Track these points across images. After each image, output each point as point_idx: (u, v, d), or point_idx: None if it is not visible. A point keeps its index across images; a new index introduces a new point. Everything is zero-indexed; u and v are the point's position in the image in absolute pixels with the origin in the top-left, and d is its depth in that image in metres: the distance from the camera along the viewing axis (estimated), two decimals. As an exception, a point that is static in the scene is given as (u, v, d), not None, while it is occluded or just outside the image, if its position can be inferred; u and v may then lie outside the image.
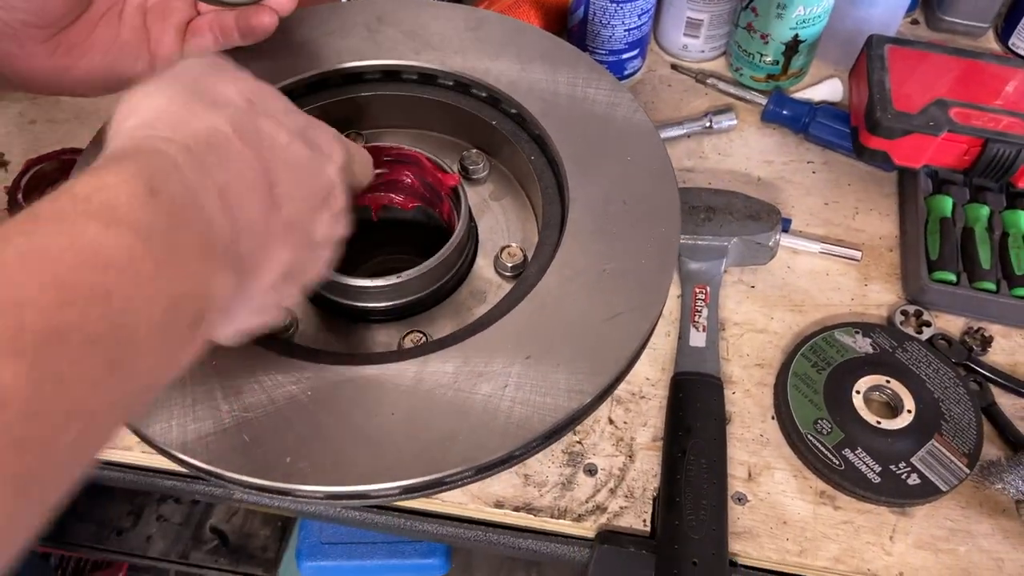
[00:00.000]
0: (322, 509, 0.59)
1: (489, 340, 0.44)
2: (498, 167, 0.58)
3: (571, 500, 0.56)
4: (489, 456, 0.40)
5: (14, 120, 0.76)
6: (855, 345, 0.61)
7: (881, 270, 0.67)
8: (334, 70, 0.57)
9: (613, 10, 0.72)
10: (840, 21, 0.77)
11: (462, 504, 0.56)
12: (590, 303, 0.45)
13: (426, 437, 0.41)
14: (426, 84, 0.58)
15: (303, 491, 0.39)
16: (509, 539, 0.58)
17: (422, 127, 0.60)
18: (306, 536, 0.92)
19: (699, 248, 0.64)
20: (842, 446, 0.56)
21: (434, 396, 0.42)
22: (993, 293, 0.63)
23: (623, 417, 0.59)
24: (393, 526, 0.59)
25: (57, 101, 0.77)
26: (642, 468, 0.57)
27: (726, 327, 0.64)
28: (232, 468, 0.39)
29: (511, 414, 0.41)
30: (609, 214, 0.49)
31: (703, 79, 0.79)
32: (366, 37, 0.58)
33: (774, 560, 0.54)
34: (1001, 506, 0.55)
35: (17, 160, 0.73)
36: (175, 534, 0.96)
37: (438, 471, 0.39)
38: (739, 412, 0.60)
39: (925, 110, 0.65)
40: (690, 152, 0.75)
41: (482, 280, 0.53)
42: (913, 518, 0.55)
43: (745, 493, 0.56)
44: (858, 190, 0.72)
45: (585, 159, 0.51)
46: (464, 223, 0.50)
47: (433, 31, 0.58)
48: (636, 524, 0.55)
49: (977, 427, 0.56)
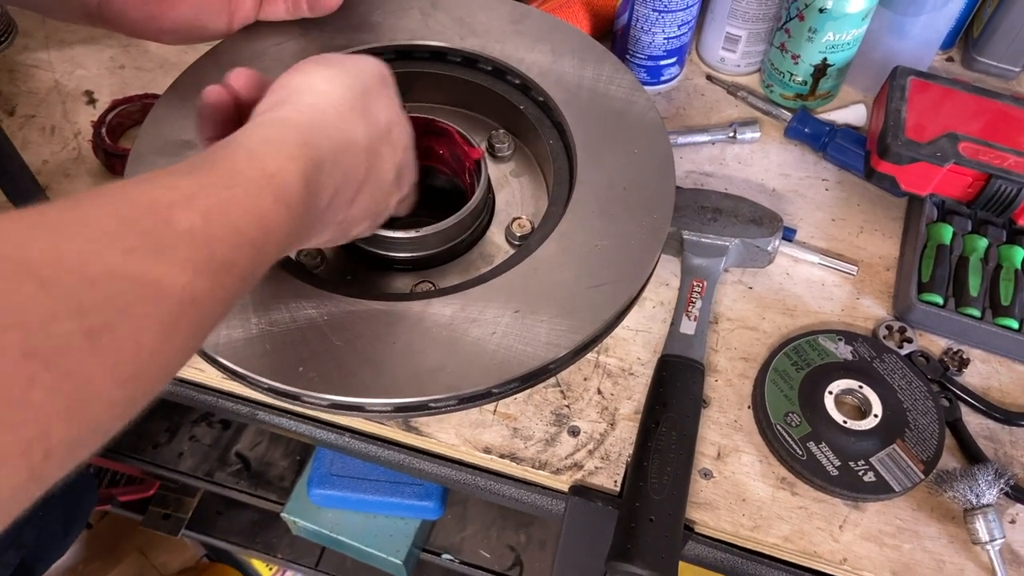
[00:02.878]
0: (332, 438, 0.66)
1: (486, 292, 0.50)
2: (522, 148, 0.64)
3: (552, 455, 0.61)
4: (471, 388, 0.46)
5: (105, 64, 0.85)
6: (836, 351, 0.65)
7: (875, 287, 0.71)
8: (388, 46, 0.64)
9: (655, 18, 0.78)
10: (873, 51, 0.81)
11: (455, 446, 0.62)
12: (579, 272, 0.51)
13: (419, 366, 0.47)
14: (467, 67, 0.64)
15: (310, 396, 0.46)
16: (494, 484, 0.64)
17: (458, 105, 0.66)
18: (318, 467, 1.01)
19: (702, 245, 0.69)
20: (808, 439, 0.60)
21: (431, 333, 0.48)
22: (977, 319, 0.66)
23: (611, 389, 0.65)
24: (393, 461, 0.66)
25: (145, 51, 0.86)
26: (620, 436, 0.62)
27: (719, 321, 0.69)
28: (253, 370, 0.46)
29: (495, 356, 0.47)
30: (610, 198, 0.54)
31: (735, 91, 0.84)
32: (419, 20, 0.64)
33: (728, 531, 0.59)
34: (951, 513, 0.59)
35: (104, 99, 0.81)
36: (203, 454, 1.06)
37: (426, 395, 0.46)
38: (718, 398, 0.64)
39: (935, 141, 0.69)
40: (712, 158, 0.79)
41: (493, 245, 0.59)
42: (864, 512, 0.59)
43: (712, 470, 0.61)
44: (866, 211, 0.76)
45: (596, 147, 0.57)
46: (482, 192, 0.56)
47: (480, 20, 0.64)
48: (607, 484, 0.60)
49: (939, 438, 0.60)
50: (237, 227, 0.36)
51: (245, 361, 0.47)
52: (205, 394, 0.67)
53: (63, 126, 0.79)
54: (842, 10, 0.72)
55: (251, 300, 0.50)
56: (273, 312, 0.49)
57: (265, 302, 0.49)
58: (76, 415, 0.27)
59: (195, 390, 0.67)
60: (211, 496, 1.22)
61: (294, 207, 0.39)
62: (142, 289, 0.30)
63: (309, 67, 0.47)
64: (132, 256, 0.31)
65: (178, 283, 0.32)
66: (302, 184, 0.40)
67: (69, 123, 0.80)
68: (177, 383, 0.67)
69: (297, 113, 0.43)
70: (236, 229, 0.36)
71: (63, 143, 0.78)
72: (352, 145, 0.45)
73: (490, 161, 0.57)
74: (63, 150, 0.78)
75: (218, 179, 0.37)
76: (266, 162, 0.39)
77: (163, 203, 0.33)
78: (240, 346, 0.47)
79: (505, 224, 0.59)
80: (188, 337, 0.33)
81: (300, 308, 0.49)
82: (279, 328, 0.48)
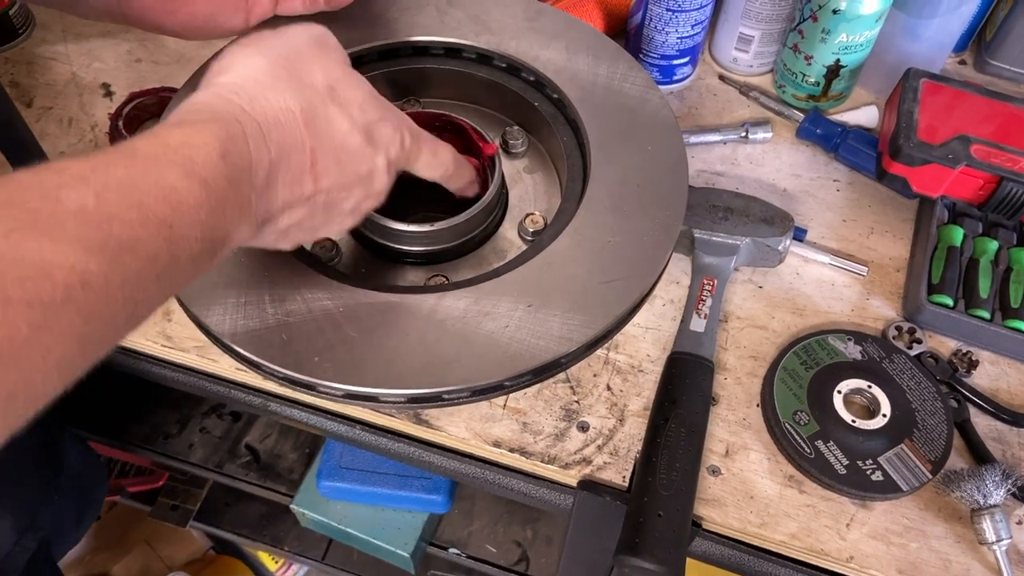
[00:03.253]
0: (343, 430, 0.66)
1: (499, 286, 0.51)
2: (535, 144, 0.64)
3: (561, 450, 0.62)
4: (484, 380, 0.46)
5: (122, 57, 0.86)
6: (845, 350, 0.65)
7: (885, 288, 0.71)
8: (404, 42, 0.65)
9: (668, 18, 0.78)
10: (886, 53, 0.81)
11: (465, 440, 0.62)
12: (592, 267, 0.51)
13: (433, 358, 0.48)
14: (482, 63, 0.65)
15: (325, 386, 0.47)
16: (503, 478, 0.65)
17: (473, 102, 0.67)
18: (328, 459, 1.02)
19: (713, 243, 0.69)
20: (816, 437, 0.61)
21: (445, 326, 0.49)
22: (987, 321, 0.67)
23: (620, 386, 0.65)
24: (404, 454, 0.66)
25: (162, 45, 0.86)
26: (629, 432, 0.63)
27: (729, 320, 0.69)
28: (269, 359, 0.47)
29: (508, 349, 0.48)
30: (623, 194, 0.55)
31: (747, 92, 0.84)
32: (435, 16, 0.65)
33: (735, 528, 0.59)
34: (958, 513, 0.59)
35: (121, 92, 0.82)
36: (214, 446, 1.07)
37: (439, 386, 0.46)
38: (727, 396, 0.65)
39: (947, 143, 0.69)
40: (724, 158, 0.80)
41: (505, 240, 0.59)
42: (872, 511, 0.59)
43: (720, 467, 0.61)
44: (877, 212, 0.76)
45: (610, 144, 0.57)
46: (495, 188, 0.56)
47: (495, 17, 0.65)
48: (615, 479, 0.61)
49: (947, 439, 0.61)
50: (140, 203, 0.34)
51: (262, 351, 0.48)
52: (218, 385, 0.68)
53: (80, 118, 0.80)
54: (856, 12, 0.73)
55: (268, 291, 0.50)
56: (289, 303, 0.50)
57: (281, 293, 0.50)
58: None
59: (208, 380, 0.68)
60: (219, 488, 1.23)
61: (212, 182, 0.37)
62: (21, 269, 0.29)
63: (231, 49, 0.45)
64: (12, 235, 0.29)
65: (64, 263, 0.30)
66: (218, 156, 0.38)
67: (86, 115, 0.80)
68: (190, 374, 0.68)
69: (212, 96, 0.42)
70: (138, 205, 0.34)
71: (80, 135, 0.79)
72: (283, 113, 0.42)
73: (504, 157, 0.58)
74: (80, 142, 0.78)
75: (115, 159, 0.35)
76: (168, 139, 0.37)
77: (52, 184, 0.32)
78: (257, 336, 0.48)
79: (518, 220, 0.60)
80: (77, 323, 0.31)
81: (316, 299, 0.50)
82: (295, 319, 0.49)
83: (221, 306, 0.49)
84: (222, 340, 0.49)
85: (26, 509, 0.74)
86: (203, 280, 0.51)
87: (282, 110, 0.42)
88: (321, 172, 0.44)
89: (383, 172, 0.48)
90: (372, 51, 0.65)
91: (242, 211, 0.40)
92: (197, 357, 0.65)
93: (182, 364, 0.67)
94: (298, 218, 0.45)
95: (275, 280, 0.50)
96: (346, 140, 0.45)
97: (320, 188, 0.44)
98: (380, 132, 0.47)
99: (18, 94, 0.82)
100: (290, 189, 0.43)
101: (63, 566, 0.90)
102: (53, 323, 0.30)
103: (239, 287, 0.50)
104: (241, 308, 0.49)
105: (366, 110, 0.47)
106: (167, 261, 0.35)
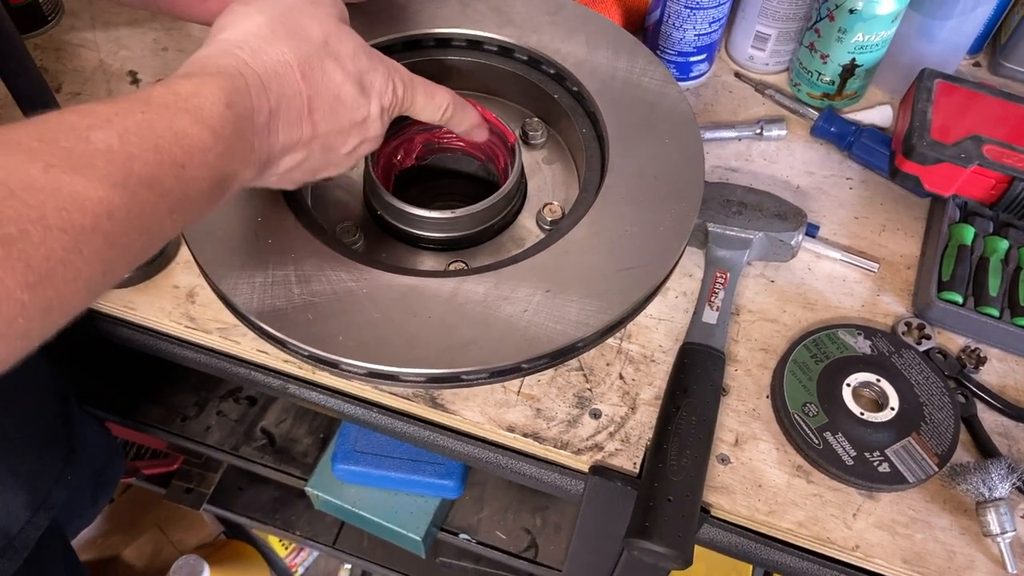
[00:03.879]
0: (360, 413, 0.68)
1: (518, 272, 0.52)
2: (554, 136, 0.65)
3: (574, 436, 0.63)
4: (502, 362, 0.48)
5: (149, 46, 0.87)
6: (855, 344, 0.66)
7: (895, 284, 0.72)
8: (427, 33, 0.66)
9: (687, 15, 0.79)
10: (901, 53, 0.82)
11: (479, 424, 0.63)
12: (609, 255, 0.53)
13: (453, 339, 0.49)
14: (503, 56, 0.66)
15: (348, 363, 0.48)
16: (516, 463, 0.66)
17: (494, 93, 0.68)
18: (343, 443, 1.03)
19: (726, 237, 0.70)
20: (824, 429, 0.62)
21: (464, 309, 0.50)
22: (996, 319, 0.67)
23: (633, 375, 0.66)
24: (419, 437, 0.68)
25: (188, 34, 0.88)
26: (641, 420, 0.64)
27: (741, 313, 0.70)
28: (296, 337, 0.49)
29: (526, 333, 0.49)
30: (640, 186, 0.56)
31: (762, 89, 0.85)
32: (458, 9, 0.66)
33: (743, 515, 0.60)
34: (963, 506, 0.60)
35: (147, 79, 0.84)
36: (230, 429, 1.09)
37: (459, 367, 0.48)
38: (737, 387, 0.66)
39: (960, 143, 0.70)
40: (738, 154, 0.81)
41: (524, 229, 0.61)
42: (878, 502, 0.60)
43: (729, 455, 0.62)
44: (889, 210, 0.77)
45: (628, 137, 0.58)
46: (515, 177, 0.58)
47: (517, 10, 0.66)
48: (626, 465, 0.62)
49: (954, 433, 0.61)
50: (156, 145, 0.38)
51: (288, 328, 0.49)
52: (239, 366, 0.69)
53: (108, 104, 0.82)
54: (872, 12, 0.74)
55: (294, 271, 0.52)
56: (314, 283, 0.51)
57: (307, 273, 0.52)
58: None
59: (229, 362, 0.69)
60: (233, 472, 1.25)
61: (220, 130, 0.41)
62: (58, 200, 0.33)
63: (232, 7, 0.49)
64: (51, 170, 0.33)
65: (94, 196, 0.34)
66: (224, 106, 0.42)
67: (113, 101, 0.82)
68: (212, 355, 0.69)
69: (217, 51, 0.46)
70: (155, 147, 0.38)
71: (107, 120, 0.80)
72: (281, 66, 0.46)
73: (523, 148, 0.59)
74: (107, 127, 0.80)
75: (132, 105, 0.39)
76: (179, 89, 0.41)
77: (82, 125, 0.36)
78: (284, 314, 0.50)
79: (536, 209, 0.61)
80: (102, 249, 0.35)
81: (340, 280, 0.51)
82: (320, 299, 0.50)
83: (248, 285, 0.51)
84: (249, 318, 0.50)
85: (40, 486, 0.75)
86: (231, 261, 0.53)
87: (280, 63, 0.46)
88: (318, 119, 0.48)
89: (376, 118, 0.52)
90: (396, 42, 0.66)
91: (245, 155, 0.44)
92: (220, 339, 0.66)
93: (204, 345, 0.69)
94: (297, 160, 0.49)
95: (301, 261, 0.52)
96: (340, 89, 0.49)
97: (317, 133, 0.49)
98: (372, 80, 0.51)
99: (47, 80, 0.83)
100: (288, 134, 0.47)
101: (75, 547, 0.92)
102: (83, 247, 0.34)
103: (266, 268, 0.51)
104: (268, 288, 0.51)
105: (358, 61, 0.50)
106: (179, 197, 0.39)
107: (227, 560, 1.45)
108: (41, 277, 0.32)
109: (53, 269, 0.32)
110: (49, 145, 0.34)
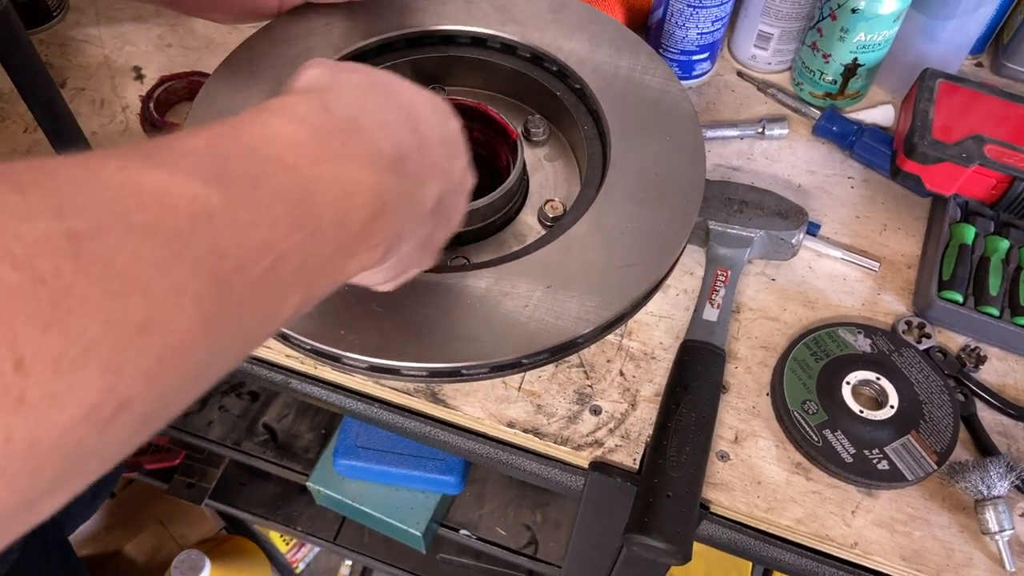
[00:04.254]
0: (362, 408, 0.68)
1: (519, 268, 0.52)
2: (556, 133, 0.66)
3: (574, 432, 0.63)
4: (502, 357, 0.48)
5: (153, 41, 0.88)
6: (855, 343, 0.66)
7: (896, 283, 0.72)
8: (431, 31, 0.66)
9: (689, 13, 0.79)
10: (903, 53, 0.82)
11: (480, 419, 0.64)
12: (609, 252, 0.53)
13: (454, 334, 0.49)
14: (506, 53, 0.67)
15: (350, 358, 0.48)
16: (516, 459, 0.66)
17: (497, 90, 0.69)
18: (344, 438, 1.04)
19: (728, 235, 0.70)
20: (824, 426, 0.62)
21: (466, 304, 0.51)
22: (996, 318, 0.68)
23: (633, 372, 0.67)
24: (420, 432, 0.68)
25: (191, 30, 0.88)
26: (641, 416, 0.64)
27: (741, 311, 0.70)
28: (298, 331, 0.49)
29: (526, 328, 0.49)
30: (641, 183, 0.56)
31: (765, 88, 0.85)
32: (462, 6, 0.67)
33: (742, 512, 0.60)
34: (962, 504, 0.61)
35: (151, 75, 0.84)
36: (232, 424, 1.09)
37: (460, 361, 0.48)
38: (737, 384, 0.66)
39: (961, 142, 0.70)
40: (740, 153, 0.81)
41: (525, 226, 0.61)
42: (877, 499, 0.61)
43: (728, 452, 0.63)
44: (890, 209, 0.77)
45: (630, 134, 0.59)
46: (517, 173, 0.58)
47: (520, 8, 0.66)
48: (626, 461, 0.62)
49: (953, 431, 0.62)
50: (251, 145, 0.32)
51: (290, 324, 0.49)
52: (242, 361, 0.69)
53: (112, 100, 0.82)
54: (874, 11, 0.74)
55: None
56: (316, 278, 0.51)
57: (309, 269, 0.52)
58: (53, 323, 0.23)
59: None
60: (235, 467, 1.25)
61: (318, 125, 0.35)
62: (140, 197, 0.27)
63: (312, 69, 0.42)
64: (126, 170, 0.27)
65: (186, 193, 0.28)
66: (320, 107, 0.37)
67: (118, 97, 0.83)
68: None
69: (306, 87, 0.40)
70: (250, 146, 0.32)
71: (111, 116, 0.81)
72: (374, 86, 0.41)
73: (525, 145, 0.59)
74: (111, 122, 0.81)
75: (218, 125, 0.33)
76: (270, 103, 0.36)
77: (157, 140, 0.31)
78: (285, 309, 0.50)
79: (538, 206, 0.62)
80: (214, 260, 0.28)
81: (342, 276, 0.52)
82: (322, 294, 0.51)
83: (251, 280, 0.51)
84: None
85: None
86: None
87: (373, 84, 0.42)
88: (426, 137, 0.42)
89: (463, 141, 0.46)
90: (399, 39, 0.66)
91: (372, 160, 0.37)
92: (222, 333, 0.67)
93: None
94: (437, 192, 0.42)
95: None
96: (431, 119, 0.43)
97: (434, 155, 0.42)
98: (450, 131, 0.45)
99: (52, 75, 0.84)
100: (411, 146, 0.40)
101: (77, 542, 0.92)
102: (183, 253, 0.27)
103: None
104: (271, 282, 0.51)
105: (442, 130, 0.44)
106: (298, 201, 0.32)
107: (228, 555, 1.45)
108: (126, 286, 0.25)
109: (143, 276, 0.25)
110: (119, 152, 0.29)
